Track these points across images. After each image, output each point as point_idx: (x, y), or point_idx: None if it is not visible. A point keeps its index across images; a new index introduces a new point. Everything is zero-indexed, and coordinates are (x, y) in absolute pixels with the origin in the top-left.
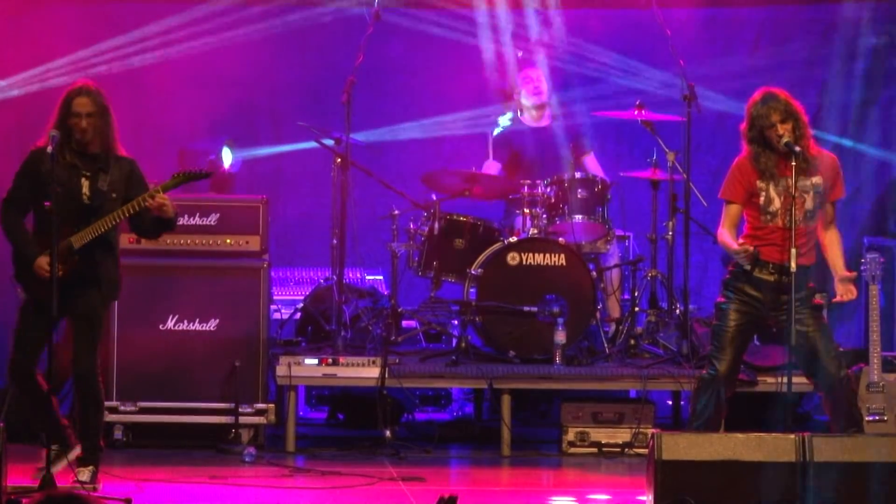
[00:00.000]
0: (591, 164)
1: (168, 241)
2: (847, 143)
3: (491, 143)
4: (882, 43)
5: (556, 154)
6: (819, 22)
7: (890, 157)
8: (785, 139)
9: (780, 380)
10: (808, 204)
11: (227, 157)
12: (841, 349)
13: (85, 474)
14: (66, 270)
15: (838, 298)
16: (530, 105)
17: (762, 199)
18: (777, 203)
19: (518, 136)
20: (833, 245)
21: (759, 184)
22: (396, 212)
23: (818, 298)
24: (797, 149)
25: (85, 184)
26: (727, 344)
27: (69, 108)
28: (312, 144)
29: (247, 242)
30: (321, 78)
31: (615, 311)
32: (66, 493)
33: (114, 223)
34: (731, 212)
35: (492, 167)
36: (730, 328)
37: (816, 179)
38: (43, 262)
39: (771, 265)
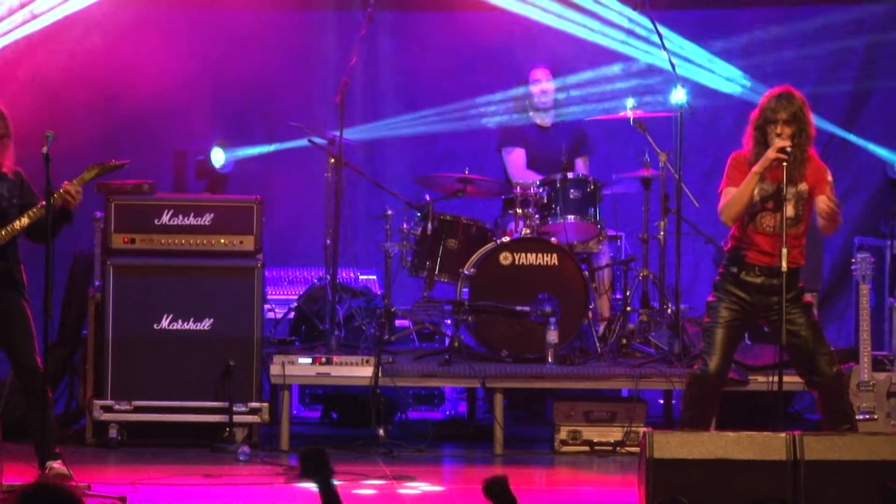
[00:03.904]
0: (581, 166)
1: (162, 241)
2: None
3: (501, 134)
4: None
5: (558, 156)
6: (812, 23)
7: (882, 158)
8: (781, 141)
9: (771, 379)
10: (790, 211)
11: (219, 157)
12: (832, 347)
13: (63, 468)
14: None
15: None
16: (537, 106)
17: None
18: (759, 206)
19: (527, 131)
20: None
21: (747, 177)
22: (390, 212)
23: (808, 297)
24: (789, 149)
25: None
26: (717, 342)
27: None
28: (306, 144)
29: (241, 242)
30: (315, 79)
31: (606, 311)
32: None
33: (32, 220)
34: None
35: (518, 155)
36: (720, 325)
37: (802, 187)
38: None
39: (757, 268)
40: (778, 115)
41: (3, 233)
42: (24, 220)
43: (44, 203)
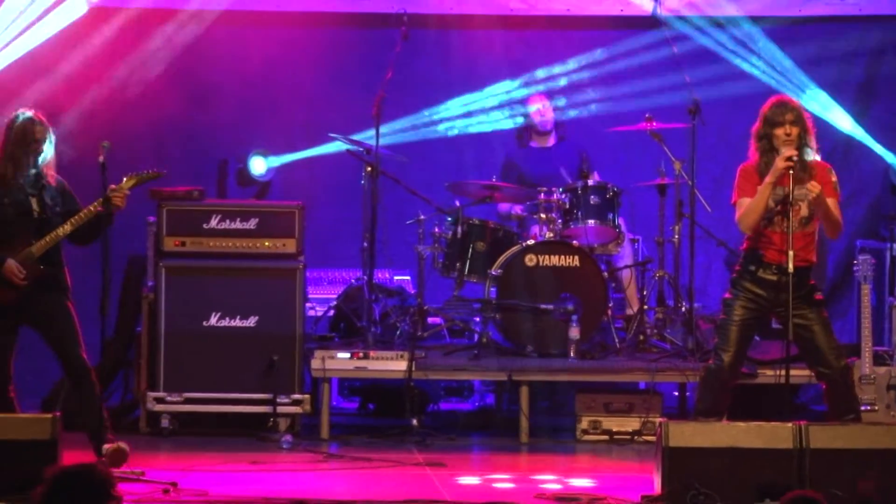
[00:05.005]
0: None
1: (211, 244)
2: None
3: (501, 167)
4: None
5: (557, 174)
6: (815, 35)
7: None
8: (790, 142)
9: (778, 373)
10: (804, 211)
11: (259, 166)
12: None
13: (115, 444)
14: (31, 278)
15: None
16: (538, 129)
17: None
18: (773, 208)
19: (523, 157)
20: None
21: (761, 187)
22: (422, 217)
23: (819, 294)
24: (794, 157)
25: (34, 201)
26: (732, 337)
27: (30, 135)
28: (343, 153)
29: (284, 245)
30: (352, 92)
31: (635, 305)
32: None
33: (74, 227)
34: (744, 202)
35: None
36: (735, 323)
37: (811, 187)
38: (13, 266)
39: (774, 266)
40: (785, 117)
41: (48, 239)
42: (67, 227)
43: (87, 209)
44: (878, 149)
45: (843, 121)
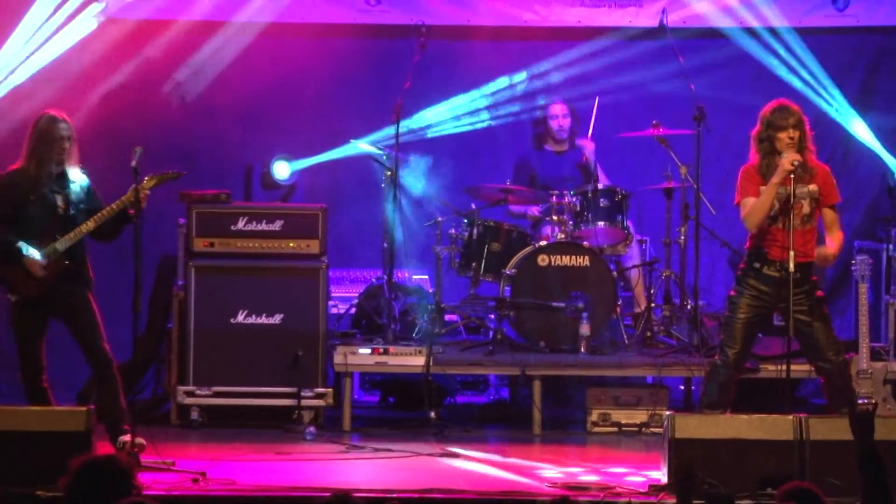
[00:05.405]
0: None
1: (238, 245)
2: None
3: (514, 167)
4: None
5: (568, 177)
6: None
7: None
8: (792, 145)
9: (779, 367)
10: (806, 209)
11: (282, 170)
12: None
13: (130, 438)
14: (55, 273)
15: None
16: (555, 137)
17: None
18: (776, 208)
19: (538, 159)
20: (832, 243)
21: (763, 189)
22: (440, 219)
23: (820, 292)
24: (796, 162)
25: (59, 198)
26: (737, 334)
27: (53, 133)
28: (366, 159)
29: (308, 246)
30: (373, 100)
31: (643, 303)
32: (102, 456)
33: (97, 224)
34: (749, 202)
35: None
36: (740, 320)
37: (812, 187)
38: (34, 262)
39: (777, 263)
40: (788, 121)
41: (72, 235)
42: (90, 224)
43: (110, 207)
44: (887, 157)
45: (860, 130)
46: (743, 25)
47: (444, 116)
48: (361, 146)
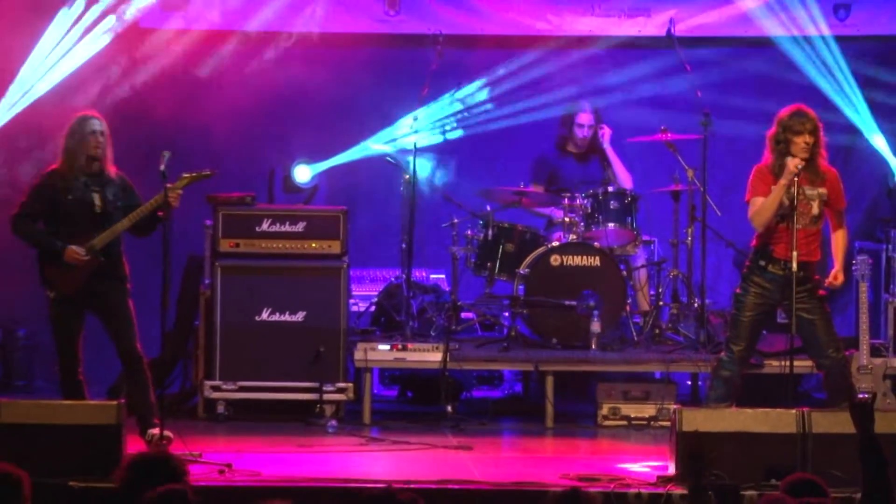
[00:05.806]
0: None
1: (262, 245)
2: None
3: (533, 164)
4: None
5: (588, 180)
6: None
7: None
8: (807, 150)
9: (783, 363)
10: (815, 210)
11: (304, 173)
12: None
13: (159, 432)
14: (92, 269)
15: (828, 283)
16: (578, 143)
17: None
18: (786, 206)
19: (559, 159)
20: (837, 244)
21: (774, 188)
22: (456, 220)
23: (823, 290)
24: (800, 165)
25: (96, 196)
26: (743, 331)
27: (85, 128)
28: (385, 164)
29: (329, 246)
30: (392, 106)
31: (645, 305)
32: (163, 453)
33: (132, 222)
34: (758, 201)
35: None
36: (746, 317)
37: (822, 189)
38: (76, 250)
39: (782, 262)
40: (805, 126)
41: (108, 233)
42: (126, 223)
43: (145, 206)
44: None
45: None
46: (747, 35)
47: (457, 122)
48: (376, 147)
